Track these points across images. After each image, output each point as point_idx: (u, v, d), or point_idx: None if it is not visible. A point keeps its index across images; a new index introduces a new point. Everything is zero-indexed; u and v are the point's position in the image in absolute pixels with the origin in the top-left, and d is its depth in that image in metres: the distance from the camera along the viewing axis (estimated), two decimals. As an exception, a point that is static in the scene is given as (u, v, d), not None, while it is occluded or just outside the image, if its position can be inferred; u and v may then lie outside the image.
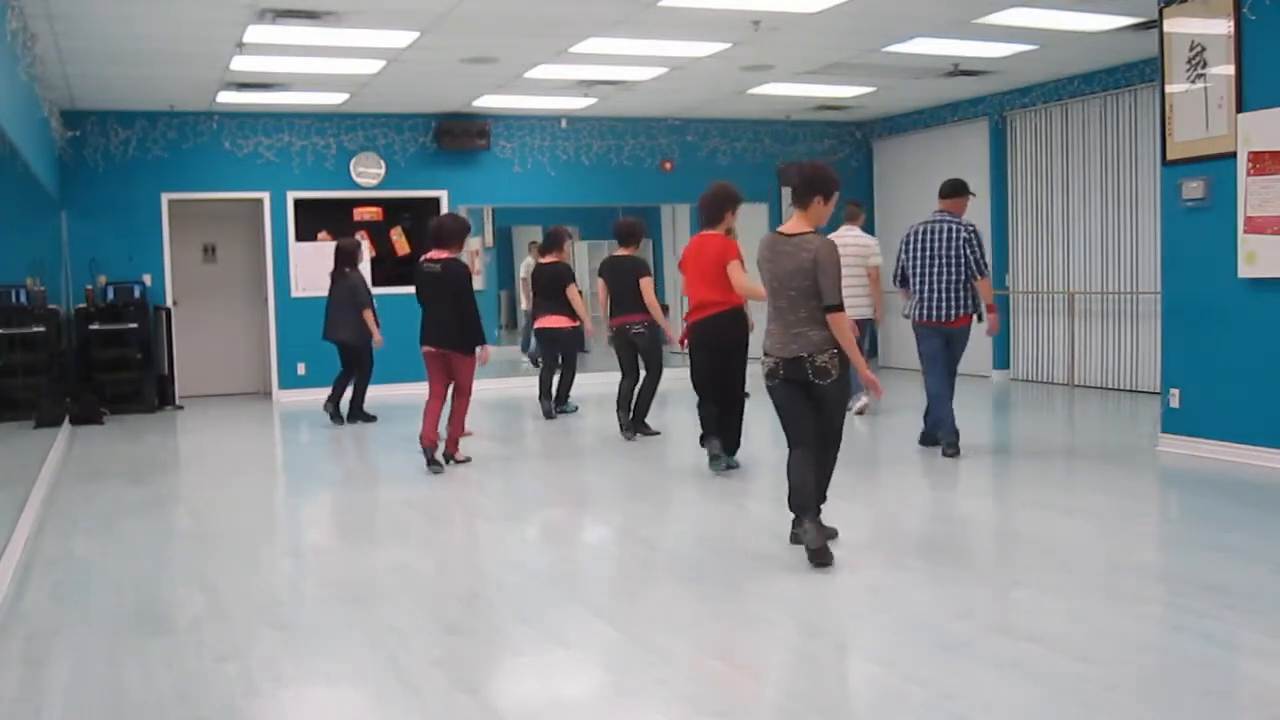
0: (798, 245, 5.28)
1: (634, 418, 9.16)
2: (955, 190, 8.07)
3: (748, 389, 7.52)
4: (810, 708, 3.66)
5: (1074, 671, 3.75)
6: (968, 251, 7.79)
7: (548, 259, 10.50)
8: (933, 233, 7.95)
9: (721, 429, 7.52)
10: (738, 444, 7.57)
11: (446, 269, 7.78)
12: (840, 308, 5.19)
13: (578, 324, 10.39)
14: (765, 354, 5.40)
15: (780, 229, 5.49)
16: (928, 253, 7.94)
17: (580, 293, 10.34)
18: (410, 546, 5.98)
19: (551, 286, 10.37)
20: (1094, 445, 8.88)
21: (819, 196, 5.34)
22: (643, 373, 9.26)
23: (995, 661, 3.90)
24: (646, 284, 9.10)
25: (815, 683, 3.92)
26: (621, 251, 9.36)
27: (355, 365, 10.50)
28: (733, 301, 7.33)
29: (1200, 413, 7.65)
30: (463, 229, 8.11)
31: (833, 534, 5.57)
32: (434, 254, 7.90)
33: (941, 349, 7.98)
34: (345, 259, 10.40)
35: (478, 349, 7.84)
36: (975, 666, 3.88)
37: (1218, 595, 4.56)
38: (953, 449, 7.85)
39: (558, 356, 10.64)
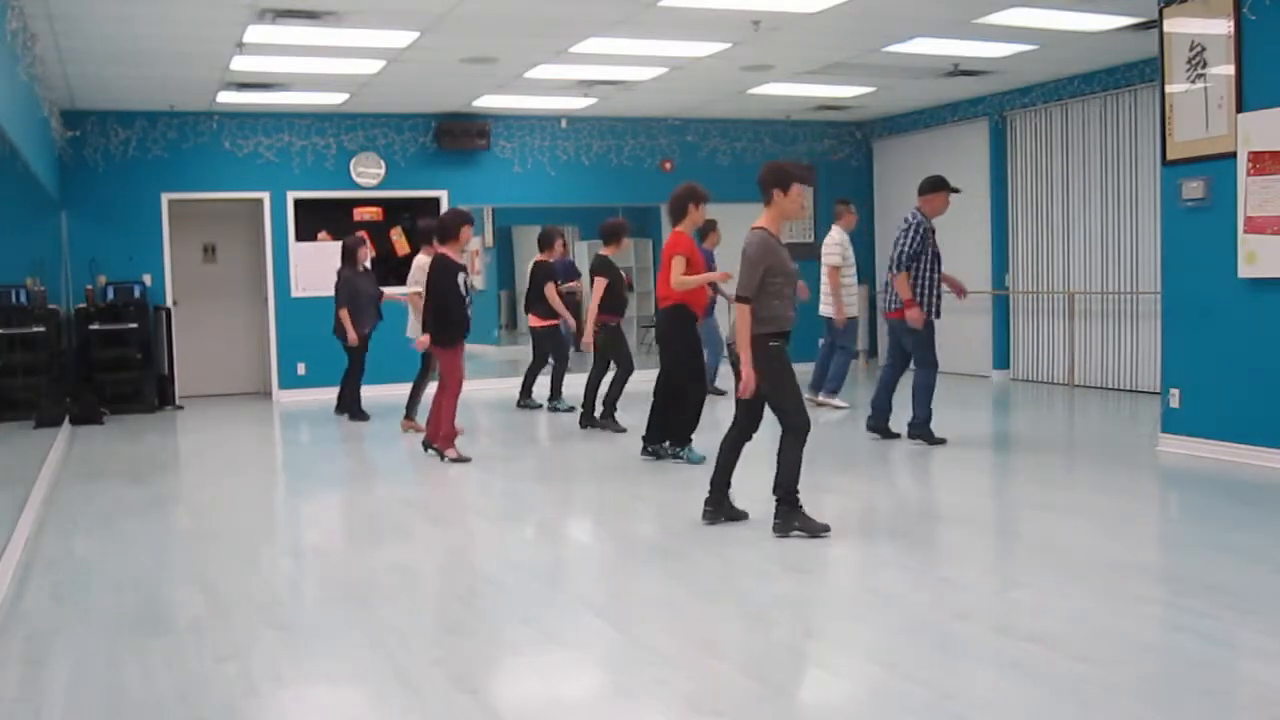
0: (746, 240, 5.71)
1: (603, 411, 9.41)
2: (930, 187, 8.35)
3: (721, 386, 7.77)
4: (810, 708, 3.66)
5: (1074, 671, 3.75)
6: (895, 247, 8.16)
7: (538, 258, 10.76)
8: (898, 230, 8.35)
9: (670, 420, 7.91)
10: (682, 436, 7.82)
11: (434, 264, 8.07)
12: (744, 299, 5.54)
13: (555, 322, 10.68)
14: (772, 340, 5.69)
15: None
16: (891, 249, 8.35)
17: (561, 293, 10.57)
18: (410, 546, 5.98)
19: (535, 285, 10.64)
20: (1094, 445, 8.88)
21: (776, 190, 5.71)
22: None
23: (995, 661, 3.90)
24: (599, 284, 9.30)
25: (815, 683, 3.92)
26: (603, 251, 9.53)
27: (351, 362, 10.69)
28: (674, 297, 7.58)
29: (1200, 413, 7.64)
30: (455, 223, 8.14)
31: (823, 529, 5.64)
32: (434, 249, 8.38)
33: (893, 340, 8.53)
34: (345, 257, 10.53)
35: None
36: (975, 666, 3.88)
37: (1218, 595, 4.56)
38: (872, 429, 8.63)
39: (545, 354, 10.97)
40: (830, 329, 10.37)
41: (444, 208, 13.13)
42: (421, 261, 9.54)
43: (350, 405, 10.76)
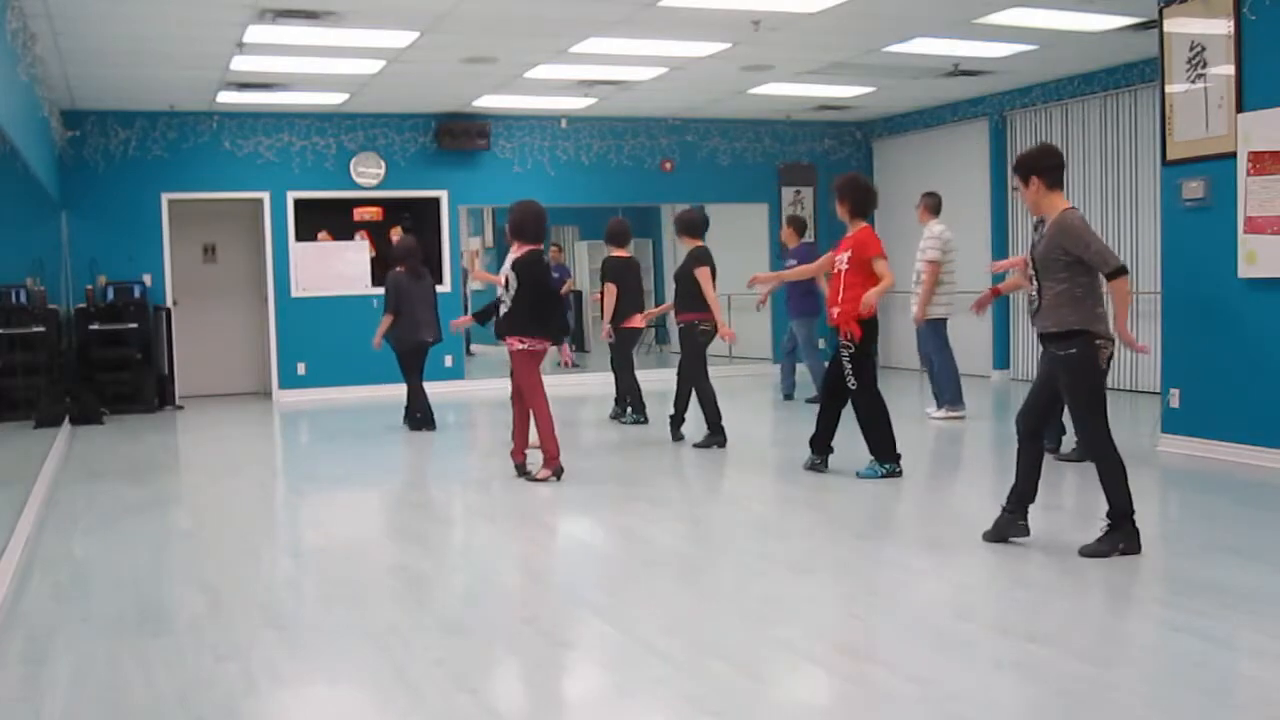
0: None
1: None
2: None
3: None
4: (810, 708, 3.66)
5: (1074, 671, 3.75)
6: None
7: (615, 252, 9.70)
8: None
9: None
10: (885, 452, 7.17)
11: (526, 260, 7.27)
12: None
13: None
14: (1102, 338, 5.17)
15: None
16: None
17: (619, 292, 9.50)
18: (410, 546, 5.98)
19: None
20: (1094, 445, 8.85)
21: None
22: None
23: (995, 661, 3.90)
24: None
25: (815, 682, 3.92)
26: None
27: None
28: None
29: (1200, 413, 7.64)
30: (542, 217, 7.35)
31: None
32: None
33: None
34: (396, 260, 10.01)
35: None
36: (975, 666, 3.88)
37: (1218, 595, 4.56)
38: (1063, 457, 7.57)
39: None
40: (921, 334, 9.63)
41: (444, 208, 13.18)
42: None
43: (411, 414, 9.93)
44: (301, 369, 12.67)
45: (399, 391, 10.71)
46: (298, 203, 12.73)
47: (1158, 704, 3.52)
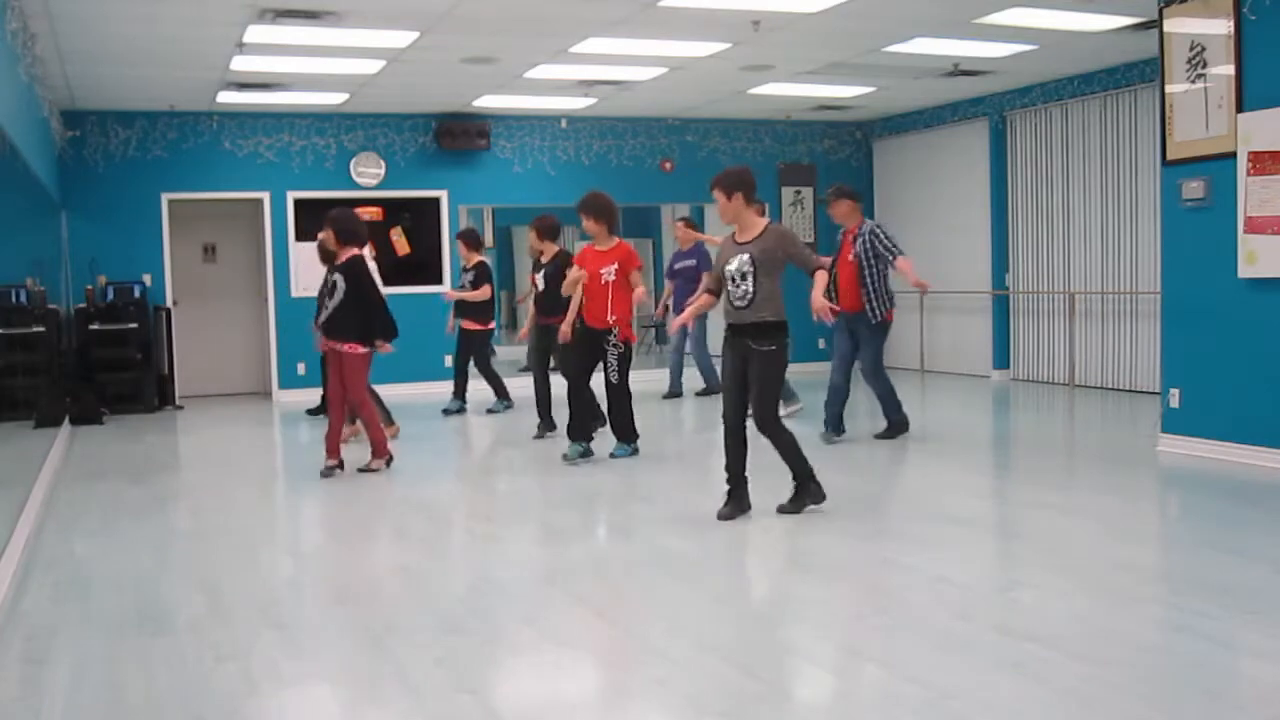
0: None
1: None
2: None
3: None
4: (811, 708, 3.66)
5: (1074, 671, 3.75)
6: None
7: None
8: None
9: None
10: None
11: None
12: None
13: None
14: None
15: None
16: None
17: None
18: (410, 546, 5.98)
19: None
20: (1094, 445, 8.87)
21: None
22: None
23: (995, 661, 3.90)
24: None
25: (816, 683, 3.92)
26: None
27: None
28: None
29: (1200, 413, 7.64)
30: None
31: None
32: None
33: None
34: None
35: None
36: (975, 666, 3.88)
37: (1218, 595, 4.56)
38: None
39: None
40: None
41: (444, 208, 13.18)
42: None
43: None
44: (301, 369, 12.66)
45: (398, 391, 10.73)
46: (298, 203, 12.72)
47: (1158, 704, 3.52)
